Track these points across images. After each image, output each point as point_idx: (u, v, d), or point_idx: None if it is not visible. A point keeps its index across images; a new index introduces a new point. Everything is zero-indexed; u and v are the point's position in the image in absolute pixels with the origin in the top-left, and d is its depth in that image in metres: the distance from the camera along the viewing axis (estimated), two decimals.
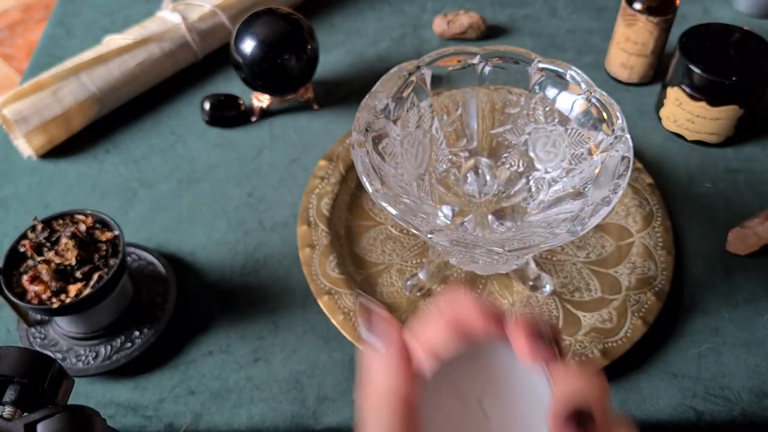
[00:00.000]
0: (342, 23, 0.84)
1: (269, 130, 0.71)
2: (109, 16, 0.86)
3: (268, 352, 0.53)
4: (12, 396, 0.34)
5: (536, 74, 0.51)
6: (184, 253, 0.60)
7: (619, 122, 0.47)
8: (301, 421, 0.49)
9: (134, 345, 0.52)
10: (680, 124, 0.68)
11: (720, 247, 0.59)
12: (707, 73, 0.63)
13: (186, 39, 0.74)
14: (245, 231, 0.62)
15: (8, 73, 1.78)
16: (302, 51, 0.66)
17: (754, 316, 0.55)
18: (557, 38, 0.81)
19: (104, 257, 0.50)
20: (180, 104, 0.74)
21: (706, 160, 0.67)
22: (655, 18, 0.68)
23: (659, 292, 0.54)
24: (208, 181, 0.66)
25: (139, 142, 0.70)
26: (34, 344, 0.53)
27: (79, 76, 0.69)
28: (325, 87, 0.75)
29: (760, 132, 0.69)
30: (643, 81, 0.74)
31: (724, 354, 0.52)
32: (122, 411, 0.50)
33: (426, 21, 0.84)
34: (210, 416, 0.50)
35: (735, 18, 0.83)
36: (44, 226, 0.51)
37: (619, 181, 0.44)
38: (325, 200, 0.61)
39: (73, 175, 0.67)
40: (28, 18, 1.95)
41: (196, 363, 0.53)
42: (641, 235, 0.58)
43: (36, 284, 0.48)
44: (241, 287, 0.58)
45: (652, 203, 0.61)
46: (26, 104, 0.66)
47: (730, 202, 0.63)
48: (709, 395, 0.50)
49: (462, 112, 0.54)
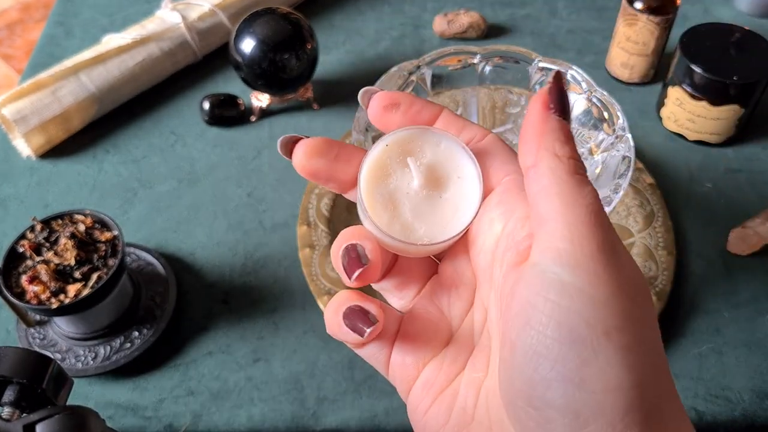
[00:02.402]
0: (342, 23, 0.84)
1: (269, 129, 0.71)
2: (109, 16, 0.86)
3: (267, 353, 0.53)
4: (11, 396, 0.34)
5: (537, 74, 0.51)
6: (184, 253, 0.60)
7: (619, 122, 0.47)
8: (300, 422, 0.49)
9: (134, 345, 0.52)
10: (681, 124, 0.68)
11: (721, 247, 0.59)
12: (708, 73, 0.63)
13: (185, 38, 0.74)
14: (245, 231, 0.61)
15: (7, 72, 1.78)
16: (302, 50, 0.66)
17: (755, 316, 0.55)
18: (558, 38, 0.81)
19: (103, 257, 0.50)
20: (179, 104, 0.74)
21: (707, 160, 0.67)
22: (656, 17, 0.68)
23: (660, 292, 0.54)
24: (207, 181, 0.66)
25: (138, 141, 0.70)
26: (33, 344, 0.53)
27: (79, 75, 0.69)
28: (325, 87, 0.75)
29: (761, 132, 0.69)
30: (643, 81, 0.74)
31: (726, 354, 0.52)
32: (121, 411, 0.50)
33: (426, 20, 0.84)
34: (209, 417, 0.50)
35: (736, 18, 0.83)
36: (43, 226, 0.51)
37: (620, 181, 0.44)
38: (325, 200, 0.61)
39: (73, 175, 0.67)
40: (27, 17, 1.95)
41: (196, 363, 0.53)
42: (642, 235, 0.58)
43: (35, 284, 0.47)
44: (240, 287, 0.57)
45: (652, 203, 0.60)
46: (25, 104, 0.66)
47: (731, 202, 0.63)
48: (710, 395, 0.50)
49: (462, 111, 0.54)
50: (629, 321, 0.20)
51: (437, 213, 0.25)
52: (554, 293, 0.20)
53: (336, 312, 0.25)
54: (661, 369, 0.21)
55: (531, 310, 0.20)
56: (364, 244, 0.24)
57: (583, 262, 0.20)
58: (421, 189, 0.25)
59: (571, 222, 0.20)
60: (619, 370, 0.19)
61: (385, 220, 0.25)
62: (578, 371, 0.20)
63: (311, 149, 0.25)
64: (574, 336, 0.20)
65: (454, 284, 0.26)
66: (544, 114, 0.22)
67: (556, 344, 0.20)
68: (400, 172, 0.25)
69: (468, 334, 0.25)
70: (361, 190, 0.25)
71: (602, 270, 0.20)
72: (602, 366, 0.19)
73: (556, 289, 0.20)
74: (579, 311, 0.20)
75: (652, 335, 0.21)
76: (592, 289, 0.20)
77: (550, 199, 0.21)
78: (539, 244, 0.21)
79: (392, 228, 0.25)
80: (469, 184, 0.25)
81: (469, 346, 0.25)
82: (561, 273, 0.20)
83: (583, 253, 0.20)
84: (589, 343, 0.19)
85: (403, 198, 0.25)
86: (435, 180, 0.25)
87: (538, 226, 0.21)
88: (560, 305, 0.20)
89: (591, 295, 0.20)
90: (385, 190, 0.25)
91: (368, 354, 0.26)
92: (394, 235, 0.24)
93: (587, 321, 0.20)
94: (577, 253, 0.20)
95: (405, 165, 0.25)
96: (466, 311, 0.26)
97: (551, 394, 0.20)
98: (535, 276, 0.21)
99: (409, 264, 0.27)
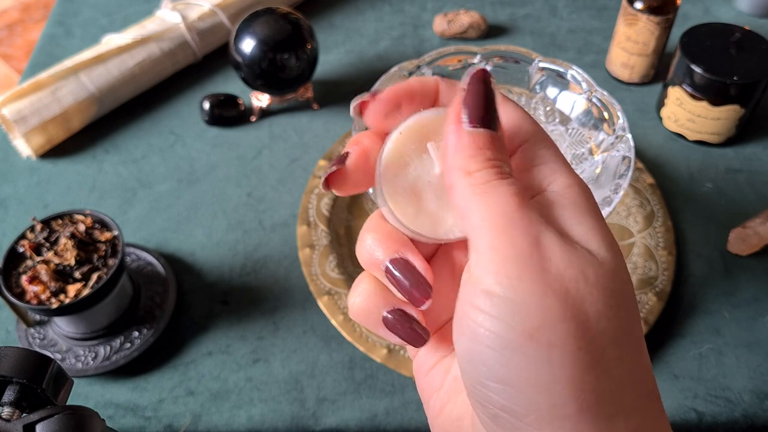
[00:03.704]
0: (342, 22, 0.84)
1: (269, 129, 0.71)
2: (108, 16, 0.86)
3: (267, 353, 0.53)
4: (11, 396, 0.34)
5: (537, 74, 0.51)
6: (184, 253, 0.60)
7: (620, 122, 0.47)
8: (300, 422, 0.49)
9: (133, 345, 0.52)
10: (681, 124, 0.67)
11: (721, 247, 0.59)
12: (708, 73, 0.63)
13: (185, 38, 0.74)
14: (245, 231, 0.61)
15: (7, 72, 1.78)
16: (302, 50, 0.66)
17: (755, 316, 0.55)
18: (558, 38, 0.81)
19: (103, 257, 0.50)
20: (179, 104, 0.74)
21: (707, 160, 0.67)
22: (656, 17, 0.68)
23: (660, 293, 0.54)
24: (207, 181, 0.66)
25: (138, 141, 0.70)
26: (33, 344, 0.53)
27: (78, 75, 0.69)
28: (324, 86, 0.75)
29: (762, 132, 0.69)
30: (644, 81, 0.74)
31: (726, 355, 0.52)
32: (121, 411, 0.50)
33: (426, 20, 0.84)
34: (209, 417, 0.50)
35: (736, 17, 0.83)
36: (43, 226, 0.51)
37: (620, 181, 0.44)
38: (324, 200, 0.61)
39: (72, 175, 0.67)
40: (27, 17, 1.95)
41: (196, 363, 0.53)
42: (642, 235, 0.58)
43: (35, 284, 0.47)
44: (240, 287, 0.57)
45: (653, 203, 0.60)
46: (25, 104, 0.66)
47: (731, 202, 0.63)
48: (711, 396, 0.50)
49: None
50: (553, 320, 0.20)
51: None
52: (481, 301, 0.21)
53: (374, 305, 0.24)
54: (609, 361, 0.20)
55: (465, 319, 0.21)
56: (412, 260, 0.24)
57: (502, 268, 0.20)
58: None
59: (489, 230, 0.21)
60: (542, 368, 0.20)
61: (411, 214, 0.24)
62: (509, 373, 0.20)
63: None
64: (502, 341, 0.20)
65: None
66: (456, 129, 0.22)
67: (488, 350, 0.20)
68: (418, 161, 0.24)
69: None
70: (382, 186, 0.24)
71: (522, 272, 0.20)
72: (528, 366, 0.20)
73: (482, 297, 0.21)
74: (503, 317, 0.20)
75: (593, 327, 0.20)
76: (513, 294, 0.20)
77: (469, 214, 0.21)
78: (471, 255, 0.22)
79: (419, 223, 0.24)
80: None
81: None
82: (486, 281, 0.21)
83: (501, 258, 0.20)
84: (516, 346, 0.20)
85: (425, 187, 0.24)
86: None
87: (469, 239, 0.22)
88: (488, 313, 0.20)
89: (512, 299, 0.20)
90: (405, 182, 0.24)
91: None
92: (422, 231, 0.24)
93: (511, 325, 0.20)
94: (497, 259, 0.20)
95: (423, 152, 0.24)
96: None
97: (491, 395, 0.21)
98: (466, 285, 0.21)
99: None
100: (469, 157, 0.22)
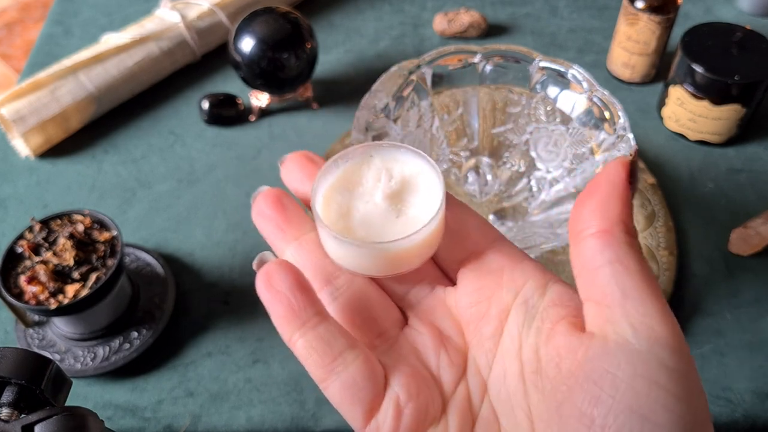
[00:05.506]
0: (342, 22, 0.84)
1: (268, 129, 0.71)
2: (108, 15, 0.86)
3: (267, 354, 0.53)
4: (9, 397, 0.34)
5: (537, 73, 0.51)
6: (183, 254, 0.60)
7: (620, 122, 0.47)
8: (300, 423, 0.49)
9: (132, 346, 0.52)
10: (682, 124, 0.67)
11: (722, 248, 0.59)
12: (709, 73, 0.62)
13: (184, 38, 0.74)
14: (244, 231, 0.61)
15: (6, 72, 1.78)
16: (301, 50, 0.66)
17: (756, 317, 0.54)
18: (558, 37, 0.81)
19: (102, 258, 0.50)
20: (178, 103, 0.74)
21: (709, 160, 0.67)
22: (657, 17, 0.68)
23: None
24: (206, 181, 0.66)
25: (137, 141, 0.70)
26: (31, 345, 0.53)
27: (77, 75, 0.68)
28: (324, 86, 0.75)
29: (763, 132, 0.69)
30: (644, 80, 0.74)
31: (727, 355, 0.52)
32: (120, 412, 0.50)
33: (426, 19, 0.83)
34: (209, 418, 0.49)
35: (737, 17, 0.83)
36: (42, 226, 0.50)
37: None
38: None
39: (71, 174, 0.67)
40: (26, 17, 1.95)
41: (195, 364, 0.53)
42: (643, 236, 0.58)
43: (34, 285, 0.47)
44: (240, 288, 0.57)
45: (653, 203, 0.60)
46: (24, 103, 0.66)
47: (732, 202, 0.63)
48: (711, 397, 0.50)
49: (463, 111, 0.54)
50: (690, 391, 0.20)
51: (398, 225, 0.25)
52: (663, 377, 0.20)
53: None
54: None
55: (632, 391, 0.20)
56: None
57: (676, 347, 0.20)
58: (383, 202, 0.26)
59: (654, 301, 0.21)
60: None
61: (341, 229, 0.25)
62: None
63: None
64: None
65: (441, 344, 0.25)
66: (626, 185, 0.23)
67: (637, 420, 0.20)
68: (358, 189, 0.26)
69: (464, 404, 0.24)
70: (317, 213, 0.26)
71: (684, 350, 0.20)
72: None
73: (663, 373, 0.20)
74: (677, 394, 0.20)
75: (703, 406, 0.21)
76: (690, 372, 0.20)
77: (629, 274, 0.21)
78: (626, 319, 0.21)
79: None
80: (429, 191, 0.26)
81: (469, 417, 0.24)
82: (663, 356, 0.20)
83: (674, 336, 0.20)
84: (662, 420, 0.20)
85: (361, 216, 0.26)
86: (395, 195, 0.26)
87: (613, 299, 0.21)
88: (667, 390, 0.20)
89: (689, 378, 0.20)
90: (341, 210, 0.26)
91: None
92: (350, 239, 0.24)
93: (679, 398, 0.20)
94: (670, 335, 0.20)
95: (360, 185, 0.26)
96: (459, 377, 0.24)
97: None
98: (635, 355, 0.20)
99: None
100: (630, 218, 0.22)
